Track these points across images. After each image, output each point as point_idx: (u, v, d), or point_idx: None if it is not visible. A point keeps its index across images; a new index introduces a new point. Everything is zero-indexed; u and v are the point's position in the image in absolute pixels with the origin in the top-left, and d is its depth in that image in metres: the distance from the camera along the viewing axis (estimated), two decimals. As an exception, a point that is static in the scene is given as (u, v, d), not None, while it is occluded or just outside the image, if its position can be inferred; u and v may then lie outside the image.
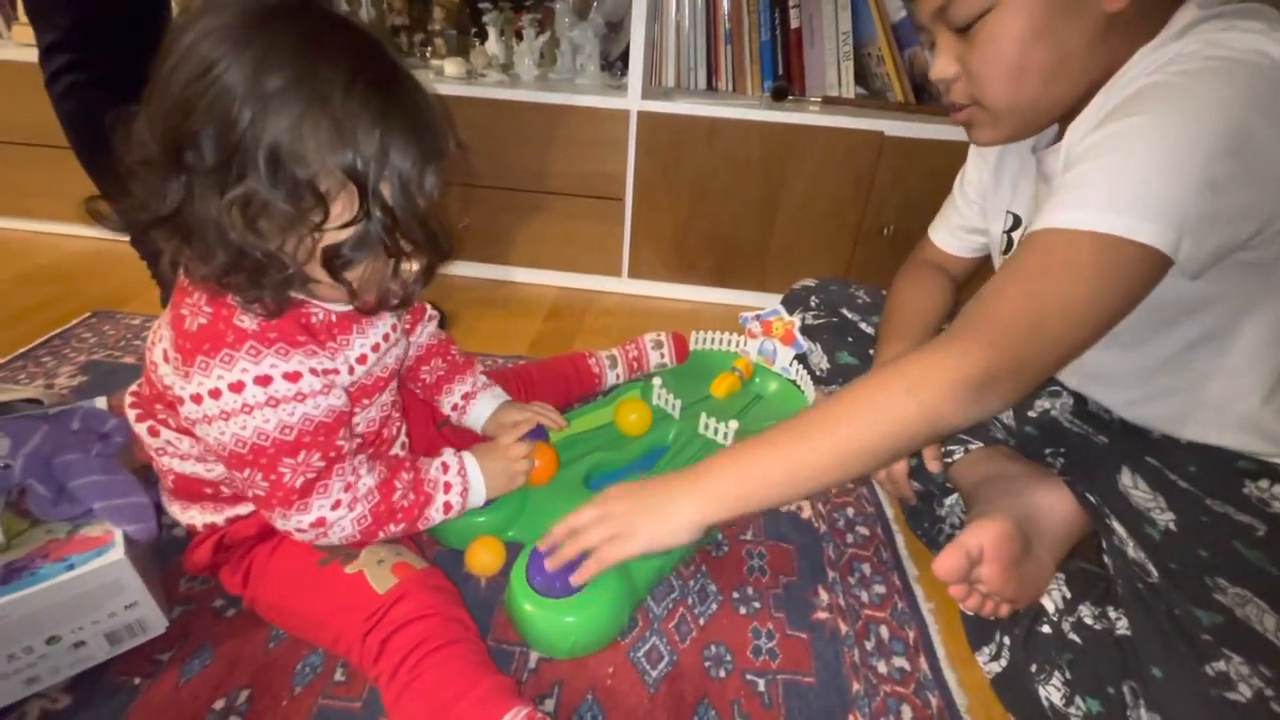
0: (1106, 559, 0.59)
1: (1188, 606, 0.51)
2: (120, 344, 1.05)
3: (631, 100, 1.20)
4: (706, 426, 0.82)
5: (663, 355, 0.98)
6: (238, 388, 0.46)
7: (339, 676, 0.56)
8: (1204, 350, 0.56)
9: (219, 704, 0.54)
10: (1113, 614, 0.55)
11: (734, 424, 0.80)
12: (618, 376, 0.96)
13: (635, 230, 1.33)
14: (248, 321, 0.47)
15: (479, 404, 0.74)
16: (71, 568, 0.51)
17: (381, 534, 0.56)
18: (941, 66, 0.57)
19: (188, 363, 0.47)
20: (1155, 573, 0.54)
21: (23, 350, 1.00)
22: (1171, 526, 0.57)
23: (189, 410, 0.48)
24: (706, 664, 0.60)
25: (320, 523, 0.52)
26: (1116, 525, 0.59)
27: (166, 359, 0.49)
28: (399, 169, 0.44)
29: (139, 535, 0.56)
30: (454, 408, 0.74)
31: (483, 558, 0.65)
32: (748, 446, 0.56)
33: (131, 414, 0.57)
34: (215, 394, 0.47)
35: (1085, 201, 0.47)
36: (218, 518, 0.57)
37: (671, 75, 1.33)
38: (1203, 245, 0.46)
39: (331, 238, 0.45)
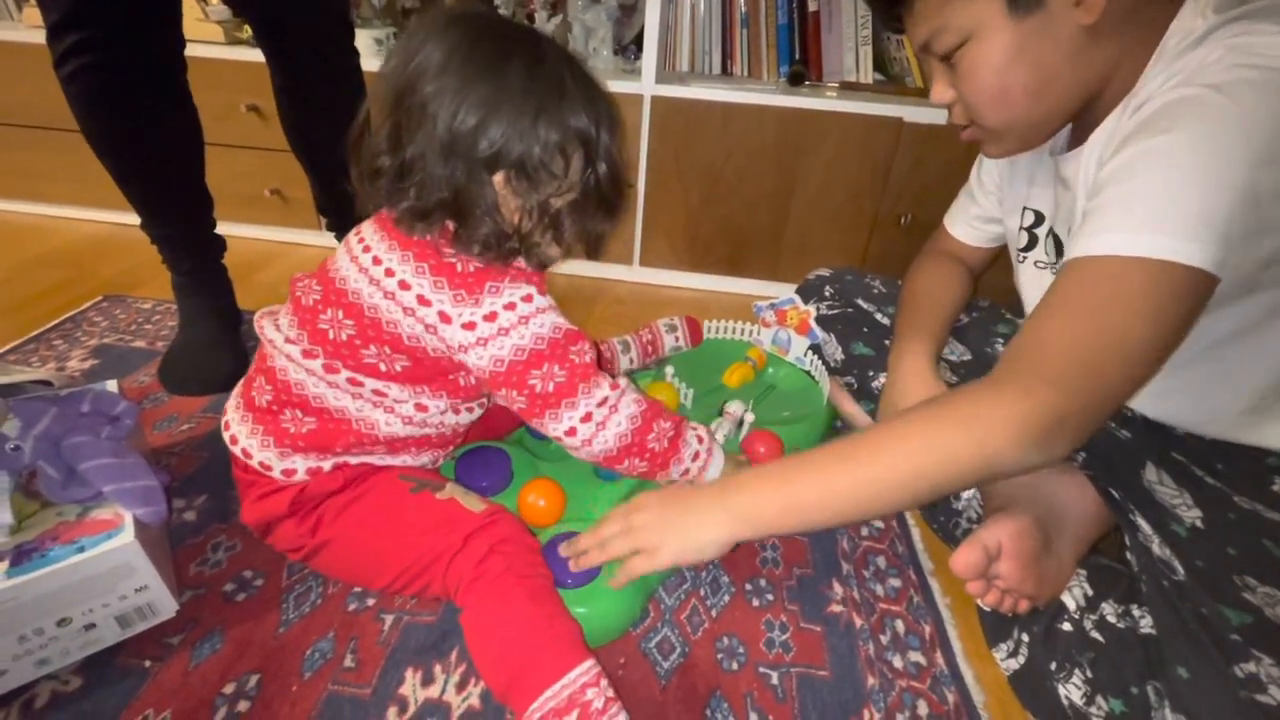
0: (1130, 556, 0.58)
1: (1215, 606, 0.49)
2: (132, 328, 1.05)
3: (645, 84, 1.18)
4: (722, 424, 0.80)
5: (677, 338, 0.97)
6: (529, 299, 0.56)
7: (349, 663, 0.56)
8: (1237, 344, 0.55)
9: (229, 688, 0.54)
10: (1137, 612, 0.54)
11: (750, 416, 0.79)
12: (631, 362, 0.94)
13: (647, 217, 1.31)
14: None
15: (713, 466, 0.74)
16: (82, 550, 0.51)
17: (655, 428, 0.60)
18: (938, 93, 0.59)
19: (475, 291, 0.54)
20: (1182, 571, 0.53)
21: (34, 333, 1.01)
22: (1198, 524, 0.55)
23: (481, 331, 0.54)
24: (719, 656, 0.60)
25: (615, 386, 0.59)
26: (1141, 522, 0.58)
27: (425, 301, 0.54)
28: (604, 136, 0.55)
29: (149, 519, 0.56)
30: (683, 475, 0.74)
31: (536, 507, 0.65)
32: (786, 466, 0.54)
33: (314, 363, 0.57)
34: (510, 306, 0.55)
35: (1128, 224, 0.45)
36: (325, 463, 0.58)
37: (686, 59, 1.31)
38: (1249, 258, 0.45)
39: (558, 202, 0.56)
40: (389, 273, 0.55)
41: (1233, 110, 0.43)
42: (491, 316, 0.54)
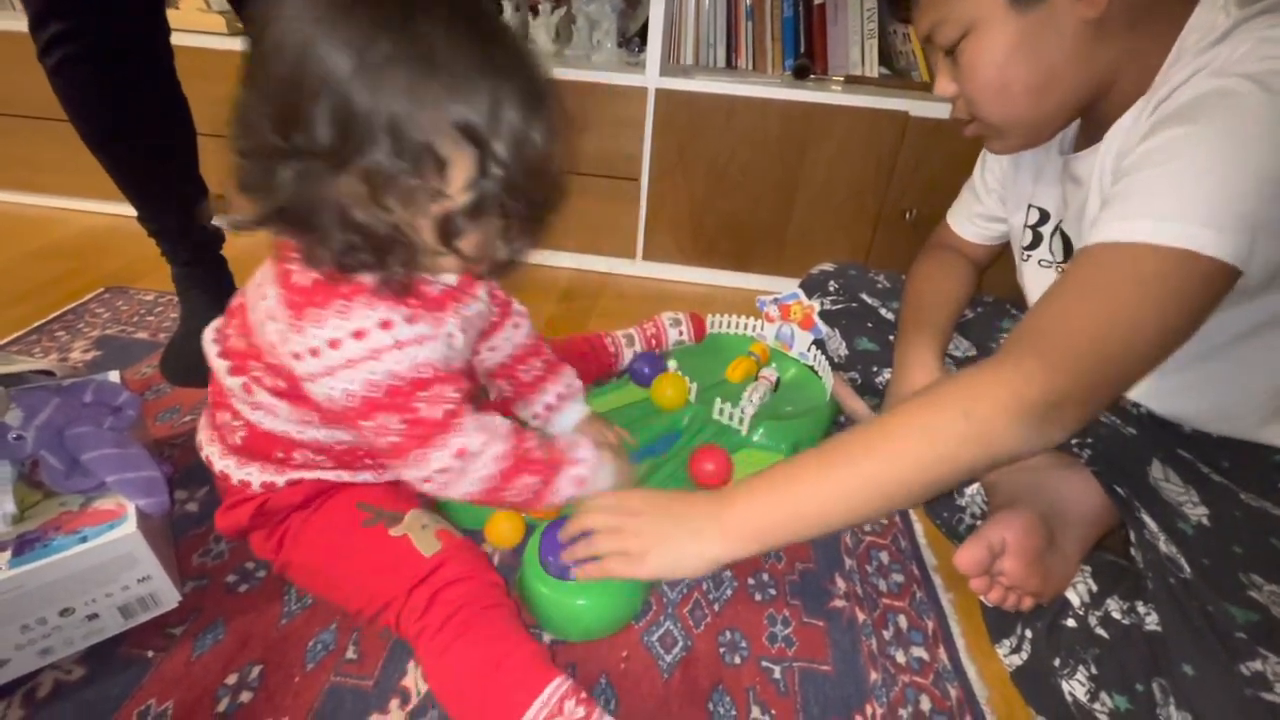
0: (1135, 553, 0.58)
1: (1221, 603, 0.49)
2: (134, 319, 1.05)
3: (649, 78, 1.18)
4: (721, 411, 0.80)
5: (681, 333, 0.97)
6: (361, 334, 0.46)
7: (351, 654, 0.56)
8: (1253, 341, 0.54)
9: (231, 679, 0.54)
10: (1142, 609, 0.54)
11: (750, 410, 0.79)
12: (635, 355, 0.94)
13: (651, 211, 1.30)
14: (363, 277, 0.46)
15: (569, 412, 0.72)
16: (84, 540, 0.51)
17: (516, 484, 0.53)
18: (940, 86, 0.59)
19: (298, 317, 0.46)
20: (1188, 568, 0.52)
21: (36, 324, 1.01)
22: (1205, 521, 0.55)
23: (307, 366, 0.46)
24: (721, 650, 0.60)
25: (463, 453, 0.50)
26: (1147, 519, 0.57)
27: (273, 317, 0.48)
28: (511, 122, 0.42)
29: (151, 509, 0.56)
30: (545, 408, 0.72)
31: (502, 528, 0.65)
32: (780, 472, 0.52)
33: (222, 365, 0.54)
34: (335, 344, 0.45)
35: (1150, 211, 0.44)
36: (279, 478, 0.56)
37: (690, 52, 1.31)
38: (1277, 251, 0.44)
39: (448, 204, 0.43)
40: (266, 274, 0.50)
41: (1266, 100, 0.42)
42: (315, 352, 0.46)
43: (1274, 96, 0.42)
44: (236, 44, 1.21)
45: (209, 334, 0.57)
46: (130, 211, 0.90)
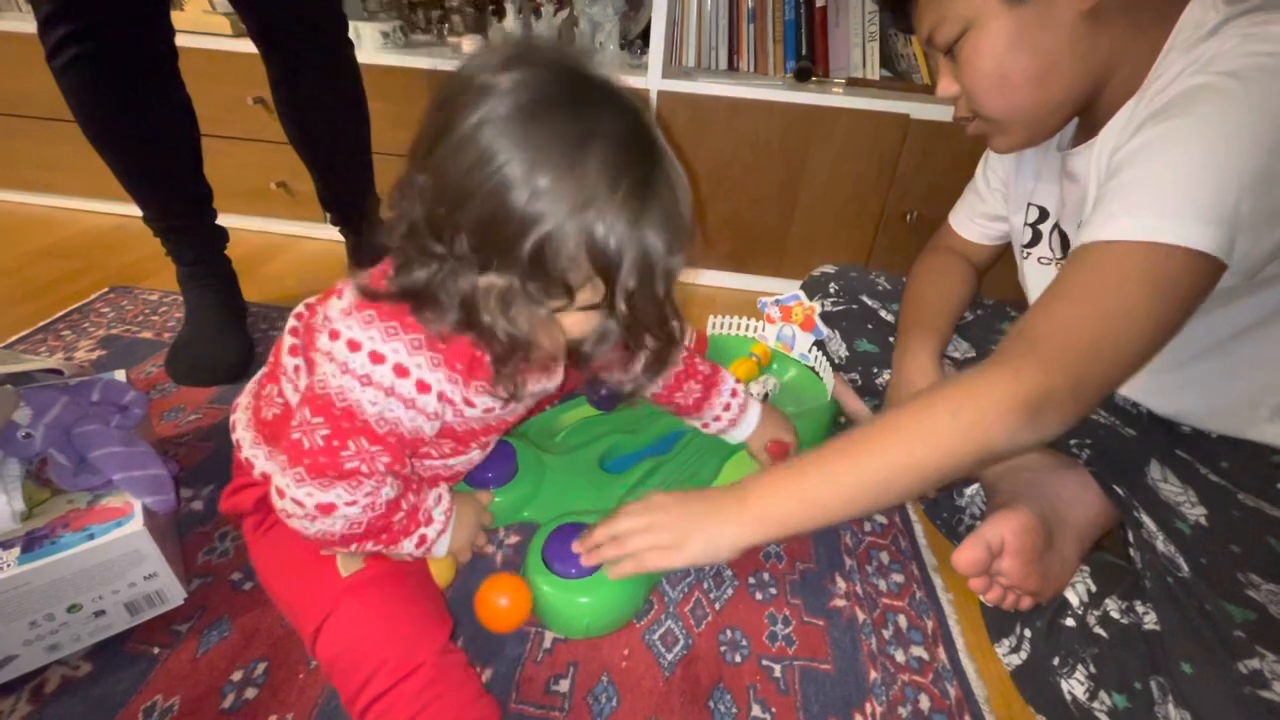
0: (1133, 552, 0.58)
1: (1219, 602, 0.50)
2: (138, 319, 1.05)
3: (651, 79, 1.18)
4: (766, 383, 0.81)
5: None
6: (378, 358, 0.46)
7: (355, 651, 0.57)
8: (1248, 338, 0.55)
9: (237, 675, 0.54)
10: (1140, 608, 0.54)
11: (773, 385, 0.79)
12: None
13: (652, 213, 1.31)
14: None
15: (745, 420, 0.73)
16: (92, 537, 0.52)
17: (355, 546, 0.52)
18: (943, 87, 0.60)
19: (359, 306, 0.47)
20: (1186, 567, 0.53)
21: (42, 324, 1.01)
22: (1203, 521, 0.55)
23: (323, 342, 0.47)
24: (722, 649, 0.60)
25: (327, 509, 0.48)
26: (1145, 518, 0.58)
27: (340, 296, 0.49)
28: (648, 262, 0.42)
29: (158, 507, 0.56)
30: (716, 420, 0.73)
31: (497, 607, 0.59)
32: (795, 466, 0.54)
33: (288, 341, 0.56)
34: (354, 346, 0.46)
35: (1133, 209, 0.46)
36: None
37: (692, 54, 1.31)
38: (1259, 244, 0.45)
39: (566, 318, 0.45)
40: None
41: (1246, 95, 0.43)
42: (335, 335, 0.47)
43: (1254, 93, 0.43)
44: (239, 45, 1.22)
45: (295, 316, 0.57)
46: (135, 211, 0.91)
